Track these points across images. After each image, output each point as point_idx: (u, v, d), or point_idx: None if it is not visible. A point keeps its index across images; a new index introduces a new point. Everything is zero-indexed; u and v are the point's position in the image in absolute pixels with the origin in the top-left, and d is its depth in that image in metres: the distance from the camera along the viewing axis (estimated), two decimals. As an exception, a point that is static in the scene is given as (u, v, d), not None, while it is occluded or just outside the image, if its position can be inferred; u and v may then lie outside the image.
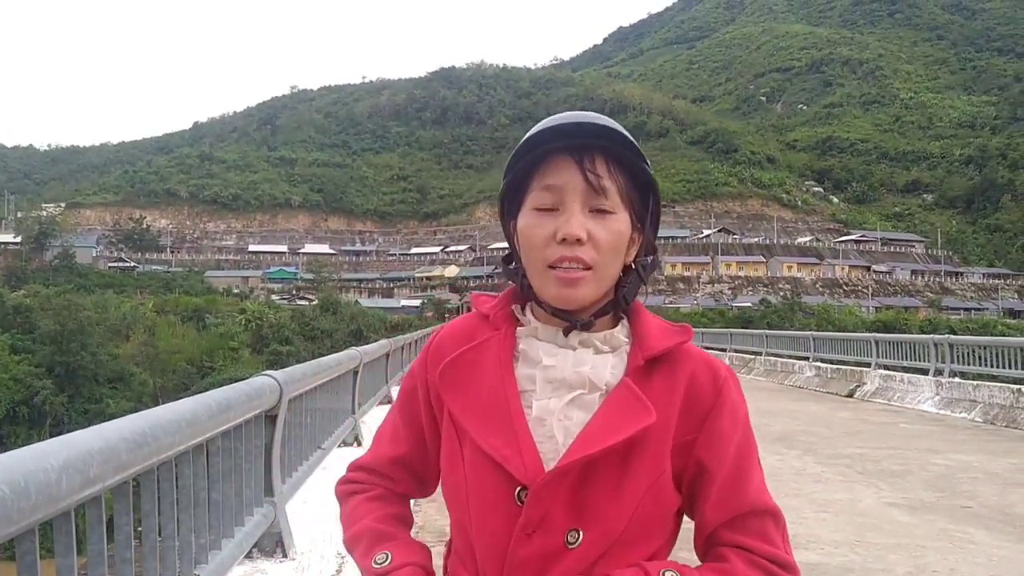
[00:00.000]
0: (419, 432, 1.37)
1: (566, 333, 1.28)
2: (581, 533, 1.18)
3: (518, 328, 1.32)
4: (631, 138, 1.27)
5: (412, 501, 1.46)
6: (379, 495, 1.38)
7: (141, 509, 2.24)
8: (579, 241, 1.20)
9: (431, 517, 5.67)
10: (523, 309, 1.34)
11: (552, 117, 1.29)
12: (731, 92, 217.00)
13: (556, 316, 1.27)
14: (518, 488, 1.19)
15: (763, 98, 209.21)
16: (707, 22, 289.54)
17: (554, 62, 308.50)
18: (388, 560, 1.27)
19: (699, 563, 1.28)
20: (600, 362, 1.26)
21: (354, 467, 1.44)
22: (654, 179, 1.31)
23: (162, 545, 2.37)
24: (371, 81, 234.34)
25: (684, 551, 1.32)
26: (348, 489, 1.41)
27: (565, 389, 1.24)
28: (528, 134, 1.27)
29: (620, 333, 1.30)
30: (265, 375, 3.68)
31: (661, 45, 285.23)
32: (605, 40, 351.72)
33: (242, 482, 3.28)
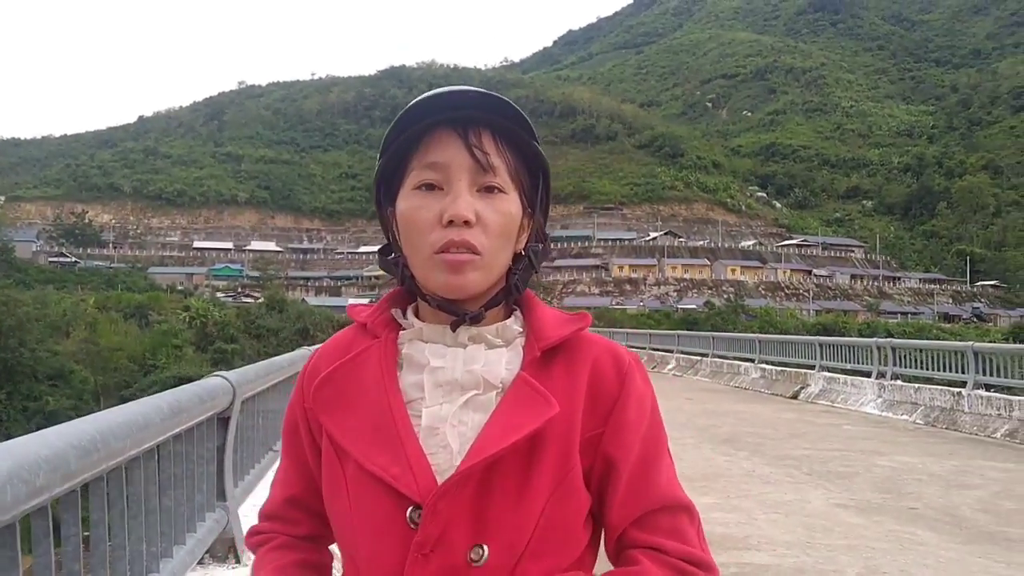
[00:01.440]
0: (305, 467, 1.23)
1: (454, 328, 1.16)
2: (486, 548, 1.05)
3: (400, 332, 1.20)
4: (521, 112, 1.16)
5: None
6: (281, 544, 1.25)
7: (90, 518, 2.14)
8: (467, 223, 1.09)
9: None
10: (404, 313, 1.23)
11: (430, 92, 1.15)
12: (678, 97, 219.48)
13: (442, 309, 1.15)
14: (410, 508, 1.06)
15: (709, 104, 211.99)
16: (656, 28, 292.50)
17: (504, 63, 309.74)
18: None
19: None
20: (493, 358, 1.15)
21: (260, 516, 1.32)
22: (545, 159, 1.20)
23: (112, 555, 2.27)
24: (320, 78, 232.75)
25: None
26: (254, 542, 1.29)
27: (457, 392, 1.13)
28: (403, 110, 1.15)
29: (514, 324, 1.19)
30: (217, 376, 3.57)
31: (610, 50, 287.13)
32: (555, 43, 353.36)
33: (194, 487, 3.18)
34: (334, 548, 1.26)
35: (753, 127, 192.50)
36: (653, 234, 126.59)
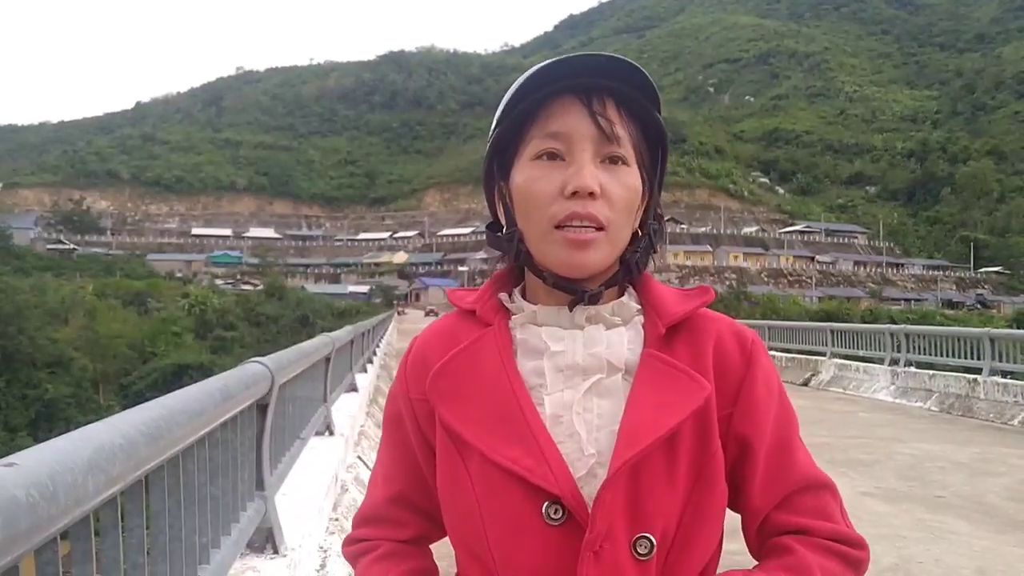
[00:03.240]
0: (414, 463, 1.17)
1: (571, 307, 1.09)
2: (652, 539, 1.01)
3: (511, 318, 1.14)
4: (650, 79, 1.10)
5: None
6: (387, 553, 1.18)
7: (150, 508, 2.05)
8: (592, 195, 1.03)
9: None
10: (511, 296, 1.16)
11: (554, 58, 1.09)
12: (680, 82, 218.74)
13: (558, 288, 1.09)
14: (546, 503, 1.00)
15: (711, 89, 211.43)
16: (657, 12, 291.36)
17: (504, 48, 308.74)
18: None
19: (753, 560, 1.13)
20: (615, 338, 1.09)
21: (356, 522, 1.25)
22: (666, 131, 1.13)
23: (170, 547, 2.19)
24: (319, 63, 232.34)
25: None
26: (354, 551, 1.22)
27: (579, 376, 1.07)
28: (522, 76, 1.08)
29: (630, 302, 1.13)
30: (255, 362, 3.47)
31: (611, 34, 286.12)
32: (556, 27, 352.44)
33: (237, 475, 3.08)
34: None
35: (756, 112, 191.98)
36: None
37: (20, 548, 1.07)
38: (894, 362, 15.31)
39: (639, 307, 1.13)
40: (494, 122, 1.12)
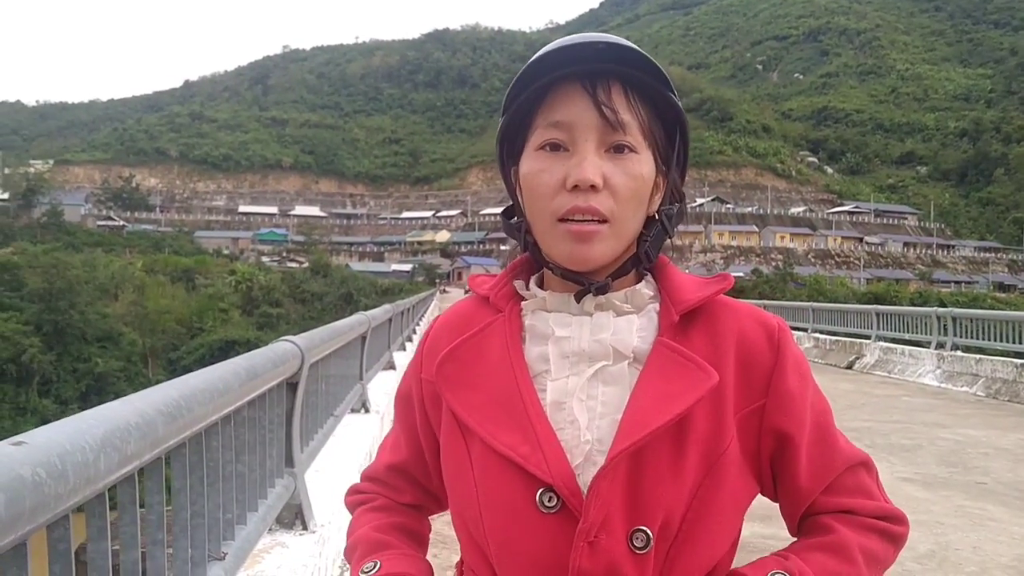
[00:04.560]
0: (415, 437, 1.20)
1: (579, 298, 1.08)
2: (649, 532, 0.99)
3: (522, 303, 1.13)
4: (655, 62, 1.06)
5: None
6: (381, 505, 1.23)
7: (172, 485, 2.08)
8: (593, 188, 1.01)
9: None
10: (527, 284, 1.15)
11: (555, 41, 1.07)
12: (727, 60, 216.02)
13: (567, 279, 1.08)
14: (540, 490, 1.00)
15: (759, 66, 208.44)
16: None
17: (549, 26, 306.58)
18: (376, 568, 1.12)
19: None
20: (623, 325, 1.07)
21: (363, 477, 1.30)
22: (682, 111, 1.10)
23: (191, 523, 2.22)
24: (364, 42, 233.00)
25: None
26: (354, 500, 1.27)
27: (585, 363, 1.05)
28: (527, 63, 1.06)
29: (645, 289, 1.11)
30: (286, 341, 3.50)
31: (658, 11, 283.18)
32: (601, 4, 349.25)
33: (265, 453, 3.12)
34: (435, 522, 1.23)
35: (805, 90, 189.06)
36: (700, 200, 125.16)
37: (26, 526, 1.08)
38: (940, 346, 15.05)
39: (653, 295, 1.11)
40: (502, 109, 1.11)
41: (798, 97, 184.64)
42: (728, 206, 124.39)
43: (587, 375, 1.04)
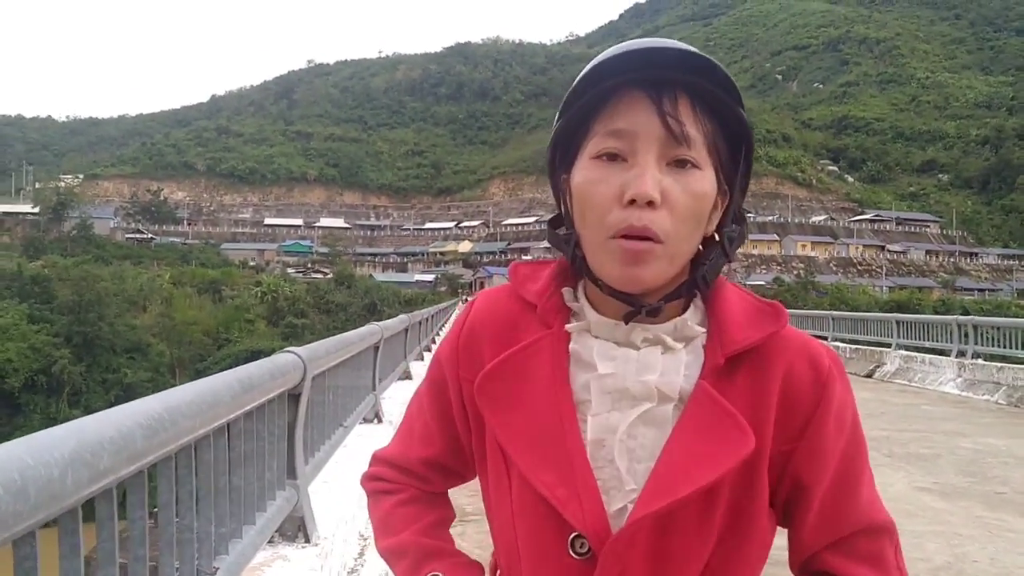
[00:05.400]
0: (452, 430, 1.15)
1: (627, 320, 1.02)
2: None
3: (568, 326, 1.06)
4: (727, 72, 1.00)
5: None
6: (413, 497, 1.18)
7: (157, 500, 2.08)
8: (651, 204, 0.95)
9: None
10: (576, 293, 1.09)
11: (622, 44, 1.02)
12: (747, 70, 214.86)
13: (615, 298, 1.01)
14: (572, 535, 0.98)
15: (779, 76, 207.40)
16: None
17: (570, 38, 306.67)
18: None
19: None
20: (671, 365, 1.01)
21: (380, 460, 1.23)
22: (750, 129, 1.03)
23: (180, 537, 2.22)
24: (387, 56, 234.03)
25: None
26: (377, 487, 1.22)
27: (628, 401, 1.00)
28: (589, 65, 1.01)
29: (693, 320, 1.04)
30: (288, 352, 3.52)
31: (677, 22, 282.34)
32: (621, 16, 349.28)
33: (264, 465, 3.13)
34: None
35: (825, 99, 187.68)
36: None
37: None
38: (961, 354, 14.91)
39: (703, 329, 1.04)
40: (558, 112, 1.05)
41: (818, 106, 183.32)
42: (749, 215, 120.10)
43: (631, 417, 1.00)
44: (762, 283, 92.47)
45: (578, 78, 1.01)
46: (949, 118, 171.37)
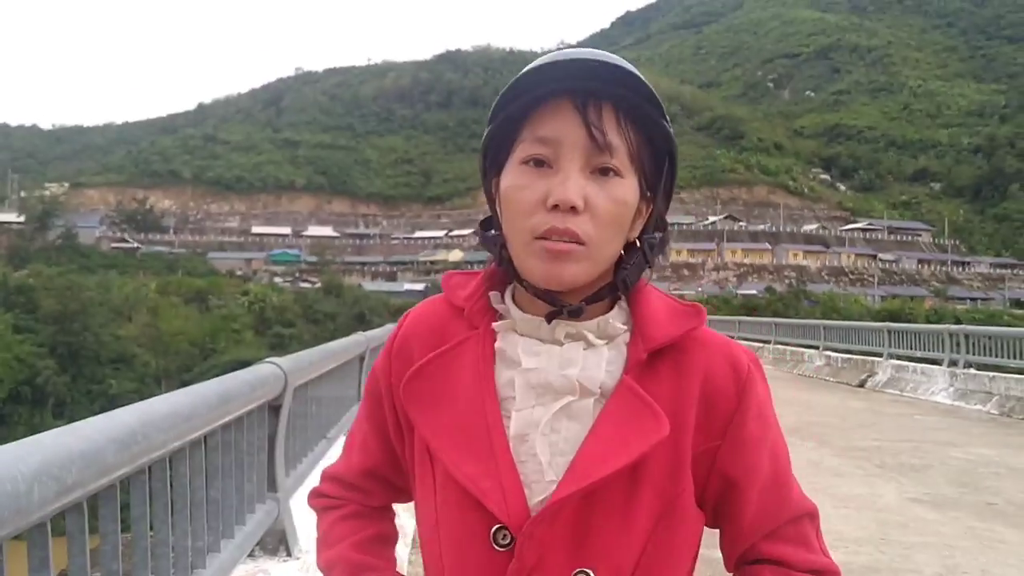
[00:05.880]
0: (387, 440, 1.17)
1: (549, 320, 1.05)
2: (591, 574, 0.99)
3: (494, 323, 1.10)
4: (650, 86, 1.02)
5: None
6: (354, 512, 1.20)
7: (131, 514, 2.01)
8: (574, 209, 0.98)
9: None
10: (503, 296, 1.13)
11: (551, 54, 1.05)
12: (738, 78, 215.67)
13: (540, 298, 1.05)
14: (494, 527, 0.99)
15: (771, 84, 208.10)
16: (715, 7, 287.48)
17: (561, 45, 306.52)
18: None
19: None
20: (592, 360, 1.05)
21: (326, 477, 1.26)
22: (673, 139, 1.07)
23: (155, 551, 2.15)
24: (376, 63, 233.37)
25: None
26: (321, 503, 1.24)
27: (551, 396, 1.03)
28: (520, 73, 1.04)
29: (616, 319, 1.08)
30: (269, 363, 3.45)
31: (668, 30, 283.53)
32: (612, 24, 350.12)
33: (243, 477, 3.05)
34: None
35: (816, 108, 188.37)
36: (712, 218, 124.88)
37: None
38: (953, 363, 14.89)
39: (625, 327, 1.08)
40: (489, 118, 1.08)
41: (810, 114, 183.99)
42: (740, 224, 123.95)
43: (553, 409, 1.02)
44: (754, 292, 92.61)
45: (508, 85, 1.04)
46: (941, 126, 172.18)
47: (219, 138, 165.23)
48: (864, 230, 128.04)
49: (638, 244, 1.09)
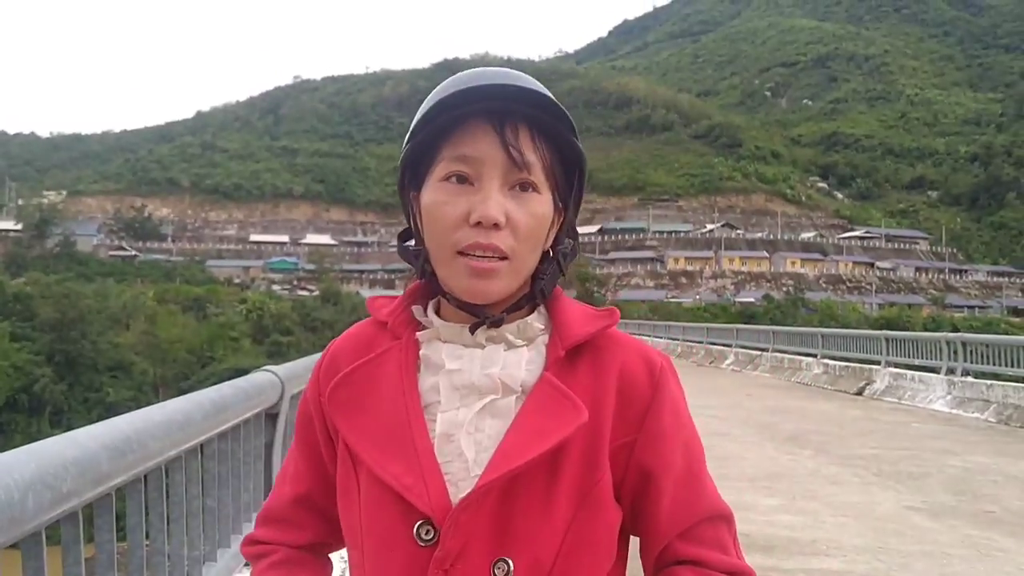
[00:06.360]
0: (319, 463, 1.17)
1: (473, 330, 1.09)
2: (511, 563, 1.01)
3: (418, 332, 1.13)
4: (560, 105, 1.08)
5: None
6: (281, 560, 1.17)
7: (126, 523, 2.00)
8: (496, 226, 1.02)
9: None
10: (425, 310, 1.15)
11: (467, 73, 1.09)
12: (736, 86, 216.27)
13: (463, 309, 1.09)
14: (418, 522, 1.01)
15: (768, 93, 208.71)
16: (712, 16, 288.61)
17: (559, 54, 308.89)
18: None
19: None
20: (513, 359, 1.09)
21: (259, 520, 1.24)
22: (583, 155, 1.12)
23: (151, 561, 2.14)
24: (375, 72, 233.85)
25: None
26: (251, 551, 1.21)
27: (475, 396, 1.06)
28: (437, 93, 1.09)
29: (536, 322, 1.12)
30: (266, 370, 3.44)
31: (666, 39, 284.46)
32: (610, 33, 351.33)
33: (240, 486, 3.05)
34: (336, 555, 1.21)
35: (814, 116, 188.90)
36: (710, 226, 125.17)
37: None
38: (951, 371, 14.88)
39: (543, 328, 1.12)
40: (408, 135, 1.11)
41: (807, 123, 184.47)
42: (738, 232, 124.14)
43: (476, 408, 1.05)
44: (752, 300, 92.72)
45: (427, 103, 1.09)
46: (938, 135, 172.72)
47: (217, 146, 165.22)
48: (862, 238, 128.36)
49: (551, 253, 1.13)
